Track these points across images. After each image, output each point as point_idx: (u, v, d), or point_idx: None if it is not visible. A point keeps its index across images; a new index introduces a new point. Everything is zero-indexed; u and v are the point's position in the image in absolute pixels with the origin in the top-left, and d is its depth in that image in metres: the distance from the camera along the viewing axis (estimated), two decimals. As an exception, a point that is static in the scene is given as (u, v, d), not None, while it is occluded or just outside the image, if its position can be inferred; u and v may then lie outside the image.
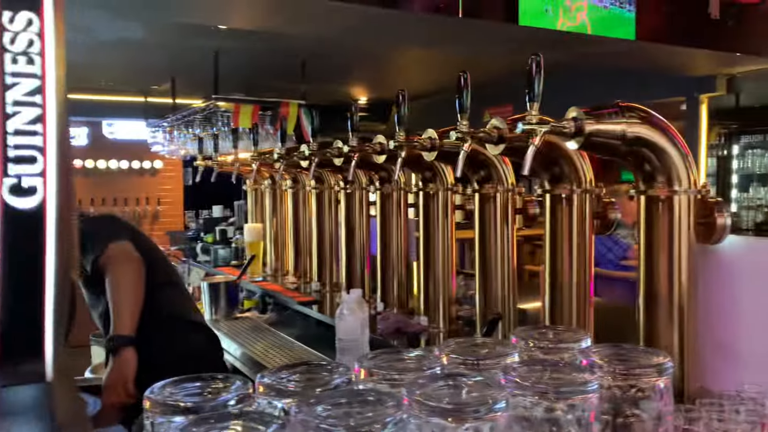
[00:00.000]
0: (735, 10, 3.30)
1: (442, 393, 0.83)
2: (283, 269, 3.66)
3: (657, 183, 1.48)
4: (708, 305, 1.53)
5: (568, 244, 1.72)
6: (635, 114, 1.46)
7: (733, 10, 3.29)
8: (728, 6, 3.21)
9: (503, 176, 2.01)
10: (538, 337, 1.10)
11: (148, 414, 0.83)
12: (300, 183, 3.35)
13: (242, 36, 3.46)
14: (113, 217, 2.56)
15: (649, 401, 0.96)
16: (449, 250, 2.31)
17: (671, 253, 1.49)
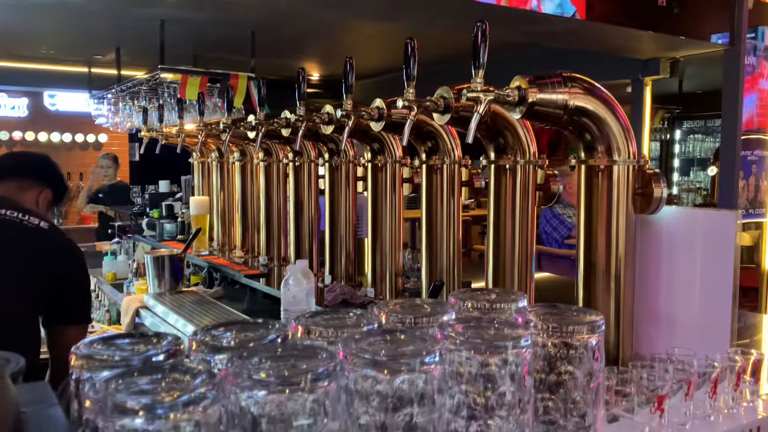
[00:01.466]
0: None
1: (377, 347, 0.83)
2: (230, 244, 3.61)
3: (597, 153, 1.51)
4: (643, 274, 1.57)
5: (512, 214, 1.74)
6: (578, 85, 1.48)
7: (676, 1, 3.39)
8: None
9: (450, 148, 2.02)
10: (476, 298, 1.11)
11: (74, 369, 0.81)
12: (248, 156, 3.29)
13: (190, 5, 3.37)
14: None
15: (582, 358, 0.98)
16: (397, 222, 2.32)
17: (609, 222, 1.53)
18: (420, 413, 0.82)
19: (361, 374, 0.82)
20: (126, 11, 3.84)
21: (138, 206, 5.80)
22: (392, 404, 0.82)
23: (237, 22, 4.01)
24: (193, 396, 0.66)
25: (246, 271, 2.97)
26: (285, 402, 0.74)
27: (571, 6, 3.14)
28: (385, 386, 0.82)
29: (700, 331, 1.53)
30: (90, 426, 0.66)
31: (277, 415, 0.75)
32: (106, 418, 0.65)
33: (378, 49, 5.16)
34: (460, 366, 0.91)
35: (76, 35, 4.72)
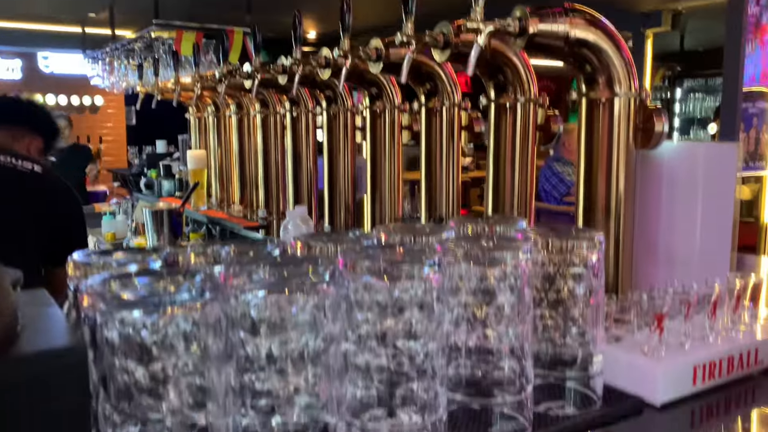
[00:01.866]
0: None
1: (377, 257, 0.83)
2: (228, 200, 3.60)
3: (598, 86, 1.49)
4: (643, 210, 1.57)
5: (511, 154, 1.73)
6: (580, 16, 1.45)
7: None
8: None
9: (450, 90, 1.99)
10: (475, 221, 1.10)
11: (72, 279, 0.80)
12: (245, 109, 3.26)
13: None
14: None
15: (582, 276, 0.98)
16: (396, 170, 2.30)
17: (610, 157, 1.52)
18: (419, 322, 0.82)
19: (361, 283, 0.81)
20: (118, -36, 3.76)
21: (135, 167, 5.79)
22: (392, 313, 0.82)
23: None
24: (193, 292, 0.65)
25: (245, 223, 2.97)
26: (285, 305, 0.74)
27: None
28: (384, 295, 0.82)
29: (699, 267, 1.53)
30: (88, 322, 0.65)
31: (277, 319, 0.74)
32: (104, 313, 0.64)
33: (376, 5, 5.09)
34: (460, 280, 0.90)
35: (68, -9, 4.64)
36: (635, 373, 1.05)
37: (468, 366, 0.91)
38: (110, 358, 0.65)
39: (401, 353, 0.83)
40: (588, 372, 1.00)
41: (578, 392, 1.00)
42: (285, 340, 0.75)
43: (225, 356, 0.72)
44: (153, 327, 0.65)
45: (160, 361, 0.66)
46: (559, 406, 0.99)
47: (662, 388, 1.04)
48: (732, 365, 1.11)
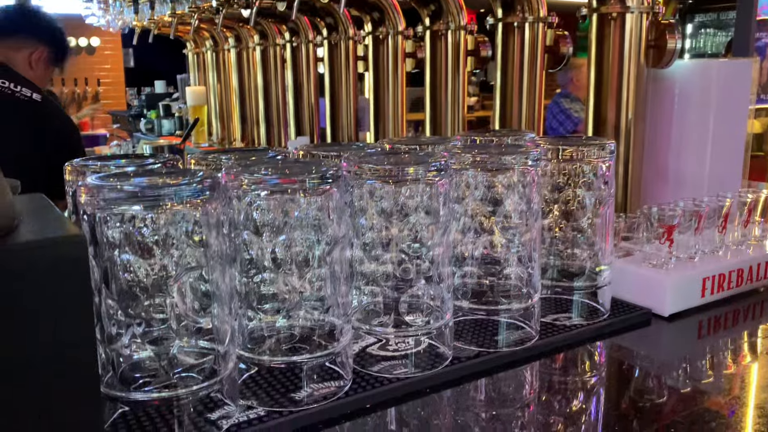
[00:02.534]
0: None
1: (381, 160, 0.80)
2: (230, 138, 3.56)
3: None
4: (654, 131, 1.53)
5: (519, 76, 1.68)
6: (592, -77, 1.38)
7: None
8: None
9: (455, 11, 1.92)
10: (482, 135, 1.07)
11: (70, 183, 0.78)
12: (243, 42, 3.18)
13: None
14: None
15: (592, 184, 0.96)
16: (399, 98, 2.25)
17: (621, 75, 1.47)
18: (425, 227, 0.80)
19: (366, 187, 0.79)
20: None
21: (135, 108, 5.72)
22: (397, 218, 0.80)
23: None
24: (194, 186, 0.63)
25: (247, 158, 2.94)
26: (287, 205, 0.72)
27: None
28: (389, 201, 0.80)
29: (710, 188, 1.50)
30: (87, 220, 0.64)
31: (279, 222, 0.73)
32: (103, 209, 0.62)
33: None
34: (466, 188, 0.88)
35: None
36: (644, 285, 1.04)
37: (475, 275, 0.90)
38: (110, 254, 0.64)
39: (407, 259, 0.81)
40: (596, 283, 0.98)
41: (586, 303, 0.99)
42: (289, 242, 0.73)
43: (229, 258, 0.71)
44: (153, 222, 0.64)
45: (161, 258, 0.65)
46: (566, 317, 0.98)
47: (671, 299, 1.03)
48: (741, 278, 1.10)
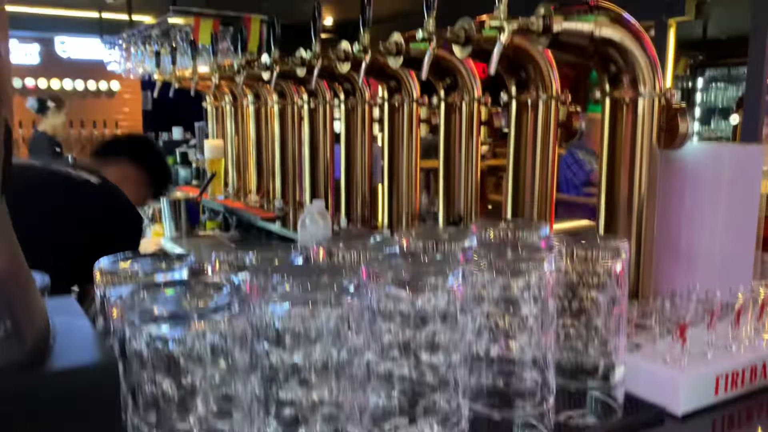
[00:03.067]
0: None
1: (400, 267, 0.83)
2: (245, 189, 3.61)
3: (622, 85, 1.47)
4: (666, 210, 1.55)
5: (532, 151, 1.72)
6: (605, 14, 1.43)
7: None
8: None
9: (470, 85, 1.97)
10: (497, 226, 1.09)
11: (98, 287, 0.81)
12: (262, 99, 3.26)
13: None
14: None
15: (606, 285, 0.97)
16: (414, 164, 2.29)
17: (633, 156, 1.50)
18: (442, 333, 0.82)
19: (385, 293, 0.81)
20: (136, -49, 3.75)
21: (152, 153, 5.81)
22: (415, 324, 0.82)
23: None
24: (220, 305, 0.66)
25: (262, 214, 2.98)
26: (309, 317, 0.74)
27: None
28: (407, 305, 0.82)
29: (722, 269, 1.52)
30: (118, 335, 0.66)
31: (301, 329, 0.75)
32: (132, 326, 0.65)
33: (393, -7, 5.04)
34: (483, 289, 0.90)
35: (86, -23, 4.64)
36: (657, 383, 1.05)
37: (490, 376, 0.91)
38: (139, 370, 0.66)
39: (424, 364, 0.83)
40: (609, 382, 0.99)
41: (599, 401, 1.00)
42: (309, 351, 0.75)
43: (250, 367, 0.72)
44: (180, 341, 0.66)
45: (187, 373, 0.67)
46: (580, 415, 0.99)
47: (684, 398, 1.03)
48: (755, 375, 1.10)
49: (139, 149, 2.25)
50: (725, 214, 1.50)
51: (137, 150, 2.23)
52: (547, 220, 1.68)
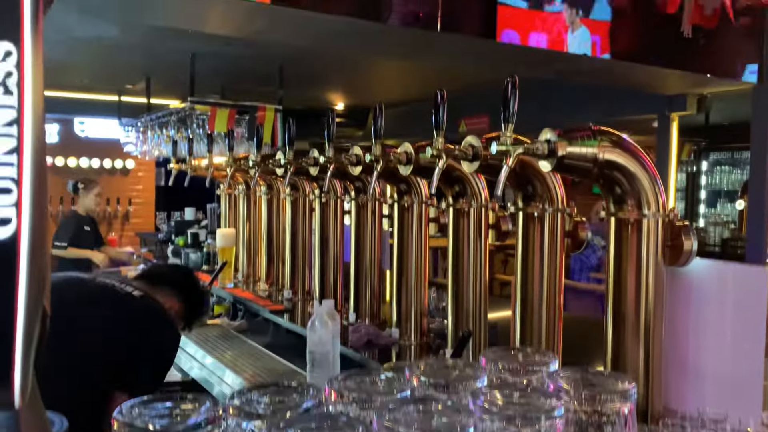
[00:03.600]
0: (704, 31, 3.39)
1: (411, 418, 0.84)
2: (255, 276, 3.64)
3: (627, 206, 1.52)
4: (674, 327, 1.56)
5: (539, 262, 1.75)
6: (607, 138, 1.49)
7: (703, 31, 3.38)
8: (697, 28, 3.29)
9: (477, 191, 2.03)
10: (506, 359, 1.11)
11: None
12: (275, 190, 3.34)
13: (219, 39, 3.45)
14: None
15: (614, 426, 0.98)
16: (422, 262, 2.33)
17: (639, 274, 1.53)
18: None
19: (396, 446, 0.83)
20: (159, 45, 3.94)
21: (164, 233, 5.90)
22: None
23: (265, 56, 4.09)
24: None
25: (271, 306, 3.00)
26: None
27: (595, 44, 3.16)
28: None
29: (731, 387, 1.51)
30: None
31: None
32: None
33: (402, 80, 5.23)
34: (494, 434, 0.91)
35: (109, 66, 4.84)
36: None
37: None
38: None
39: None
40: None
41: None
42: None
43: None
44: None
45: None
46: None
47: None
48: None
49: (182, 282, 2.32)
50: (731, 333, 1.51)
51: (180, 283, 2.31)
52: (555, 336, 1.69)
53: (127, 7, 2.22)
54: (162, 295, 2.17)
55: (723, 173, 7.14)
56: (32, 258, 0.53)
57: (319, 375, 1.89)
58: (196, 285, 2.39)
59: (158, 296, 2.14)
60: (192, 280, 2.41)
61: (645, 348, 1.53)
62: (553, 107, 4.56)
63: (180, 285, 2.29)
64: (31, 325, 0.55)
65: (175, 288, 2.25)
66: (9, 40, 0.50)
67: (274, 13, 2.24)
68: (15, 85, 0.50)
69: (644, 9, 3.16)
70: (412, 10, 2.53)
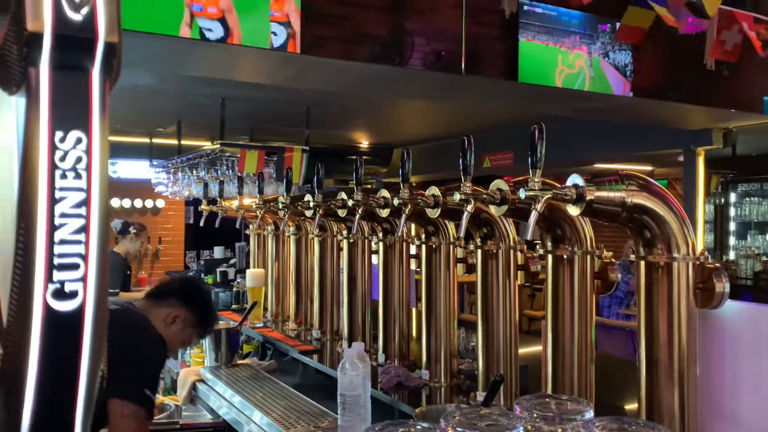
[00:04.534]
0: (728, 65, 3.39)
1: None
2: (283, 315, 3.67)
3: (656, 249, 1.52)
4: (709, 371, 1.55)
5: (569, 304, 1.75)
6: (634, 182, 1.50)
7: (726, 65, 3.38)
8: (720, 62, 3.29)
9: (505, 233, 2.05)
10: (541, 407, 1.12)
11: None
12: (303, 230, 3.38)
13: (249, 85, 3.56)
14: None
15: (651, 477, 0.98)
16: (451, 303, 2.33)
17: (671, 317, 1.52)
18: None
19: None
20: (191, 91, 4.06)
21: (193, 272, 5.98)
22: None
23: (292, 99, 4.19)
24: None
25: (300, 346, 3.02)
26: None
27: (618, 81, 3.18)
28: None
29: None
30: None
31: None
32: None
33: (426, 119, 5.30)
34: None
35: (142, 111, 4.99)
36: None
37: None
38: None
39: None
40: None
41: None
42: None
43: None
44: None
45: None
46: None
47: None
48: None
49: (187, 291, 2.35)
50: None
51: (185, 291, 2.34)
52: (587, 379, 1.68)
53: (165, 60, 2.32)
54: (166, 306, 2.22)
55: (752, 204, 7.03)
56: (95, 327, 0.56)
57: (351, 418, 1.89)
58: (197, 289, 2.43)
59: (162, 308, 2.20)
60: (192, 285, 2.45)
61: (680, 393, 1.51)
62: (576, 143, 4.58)
63: (181, 292, 2.33)
64: (91, 391, 0.58)
65: (177, 297, 2.29)
66: (79, 129, 0.54)
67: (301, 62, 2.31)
68: (84, 169, 0.54)
69: (665, 45, 3.18)
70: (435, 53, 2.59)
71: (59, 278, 0.54)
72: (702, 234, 5.28)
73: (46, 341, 0.55)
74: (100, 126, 0.55)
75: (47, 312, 0.54)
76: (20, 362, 0.54)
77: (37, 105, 0.52)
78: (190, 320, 2.30)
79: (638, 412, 1.55)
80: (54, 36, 0.52)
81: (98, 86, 0.55)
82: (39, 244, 0.53)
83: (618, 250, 4.33)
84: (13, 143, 0.58)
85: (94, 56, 0.54)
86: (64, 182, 0.53)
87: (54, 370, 0.56)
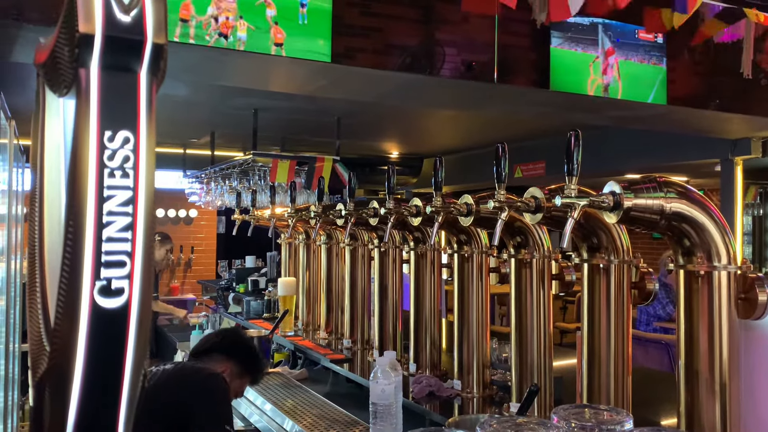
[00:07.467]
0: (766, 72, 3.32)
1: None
2: (314, 324, 3.68)
3: (696, 258, 1.49)
4: (752, 384, 1.50)
5: (606, 314, 1.72)
6: (673, 189, 1.47)
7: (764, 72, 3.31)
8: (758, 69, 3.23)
9: (539, 242, 2.02)
10: (578, 416, 1.10)
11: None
12: (334, 239, 3.40)
13: (281, 95, 3.60)
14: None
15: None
16: (484, 313, 2.31)
17: (711, 328, 1.48)
18: None
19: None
20: (224, 101, 4.12)
21: (225, 281, 6.04)
22: None
23: (323, 110, 4.22)
24: None
25: (331, 355, 3.02)
26: None
27: (655, 90, 3.13)
28: None
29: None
30: None
31: None
32: None
33: (457, 129, 5.29)
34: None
35: (175, 122, 5.08)
36: None
37: None
38: None
39: None
40: None
41: None
42: None
43: None
44: None
45: None
46: None
47: None
48: None
49: (228, 343, 2.39)
50: (816, 389, 1.44)
51: (228, 344, 2.39)
52: (624, 391, 1.65)
53: (199, 71, 2.36)
54: (213, 363, 2.25)
55: (793, 215, 6.83)
56: (140, 325, 0.57)
57: (383, 428, 1.88)
58: (238, 340, 2.45)
59: (209, 365, 2.23)
60: (232, 337, 2.48)
61: (721, 406, 1.47)
62: (610, 152, 4.52)
63: (224, 347, 2.36)
64: (134, 388, 0.59)
65: (221, 351, 2.32)
66: (127, 129, 0.55)
67: (333, 71, 2.33)
68: (131, 168, 0.55)
69: (702, 52, 3.13)
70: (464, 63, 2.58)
71: (106, 275, 0.55)
72: (740, 246, 5.16)
73: (93, 338, 0.56)
74: (147, 126, 0.56)
75: (94, 309, 0.55)
76: (67, 359, 0.55)
77: (87, 105, 0.54)
78: (238, 372, 2.34)
79: (677, 426, 1.51)
80: (104, 37, 0.53)
81: (146, 87, 0.57)
82: (87, 242, 0.53)
83: (652, 262, 4.25)
84: (61, 147, 0.59)
85: (142, 57, 0.55)
86: (112, 181, 0.54)
87: (99, 367, 0.57)
